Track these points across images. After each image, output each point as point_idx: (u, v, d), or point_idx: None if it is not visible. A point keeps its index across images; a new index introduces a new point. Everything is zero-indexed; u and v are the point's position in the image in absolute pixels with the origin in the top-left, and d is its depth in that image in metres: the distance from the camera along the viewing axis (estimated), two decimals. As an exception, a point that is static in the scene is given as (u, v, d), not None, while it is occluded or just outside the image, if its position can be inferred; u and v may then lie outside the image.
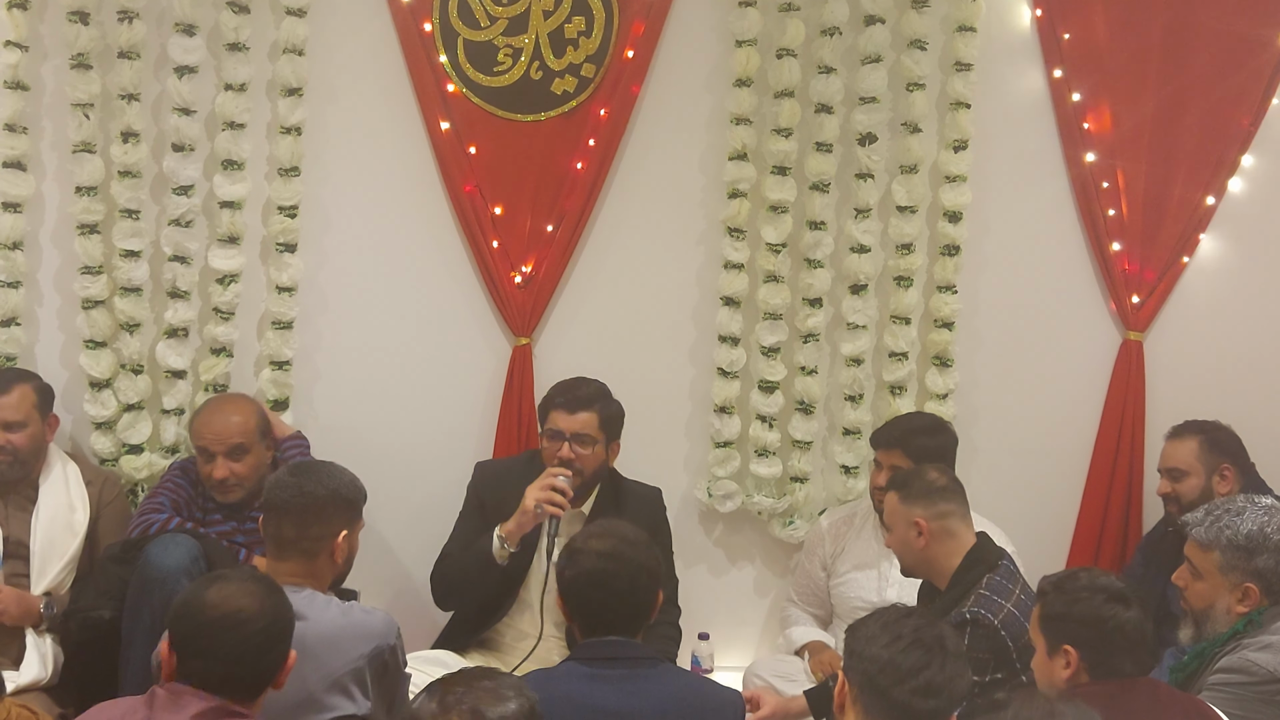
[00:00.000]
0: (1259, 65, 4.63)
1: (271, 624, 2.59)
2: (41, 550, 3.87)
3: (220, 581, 2.61)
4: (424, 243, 4.46)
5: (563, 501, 3.82)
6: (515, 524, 3.83)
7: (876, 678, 2.50)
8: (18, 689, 3.57)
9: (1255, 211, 4.71)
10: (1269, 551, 3.22)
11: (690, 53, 4.51)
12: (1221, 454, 4.20)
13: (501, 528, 3.85)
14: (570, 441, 3.93)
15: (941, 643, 2.54)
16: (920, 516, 3.52)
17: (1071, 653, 2.83)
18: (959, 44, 4.51)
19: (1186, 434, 4.26)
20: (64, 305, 4.26)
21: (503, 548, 3.84)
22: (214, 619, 2.54)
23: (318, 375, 4.43)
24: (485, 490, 4.06)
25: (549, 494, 3.81)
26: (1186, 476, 4.20)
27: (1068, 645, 2.84)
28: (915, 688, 2.48)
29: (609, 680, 2.85)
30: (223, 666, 2.53)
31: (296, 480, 3.14)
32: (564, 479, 3.84)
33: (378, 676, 3.00)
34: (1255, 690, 3.07)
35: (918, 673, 2.49)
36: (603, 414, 3.99)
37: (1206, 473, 4.18)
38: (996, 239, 4.66)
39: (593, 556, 2.94)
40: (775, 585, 4.70)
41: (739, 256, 4.48)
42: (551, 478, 3.83)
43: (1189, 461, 4.21)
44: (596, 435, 3.96)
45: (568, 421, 3.95)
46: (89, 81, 4.11)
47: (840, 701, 2.57)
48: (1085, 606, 2.83)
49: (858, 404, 4.57)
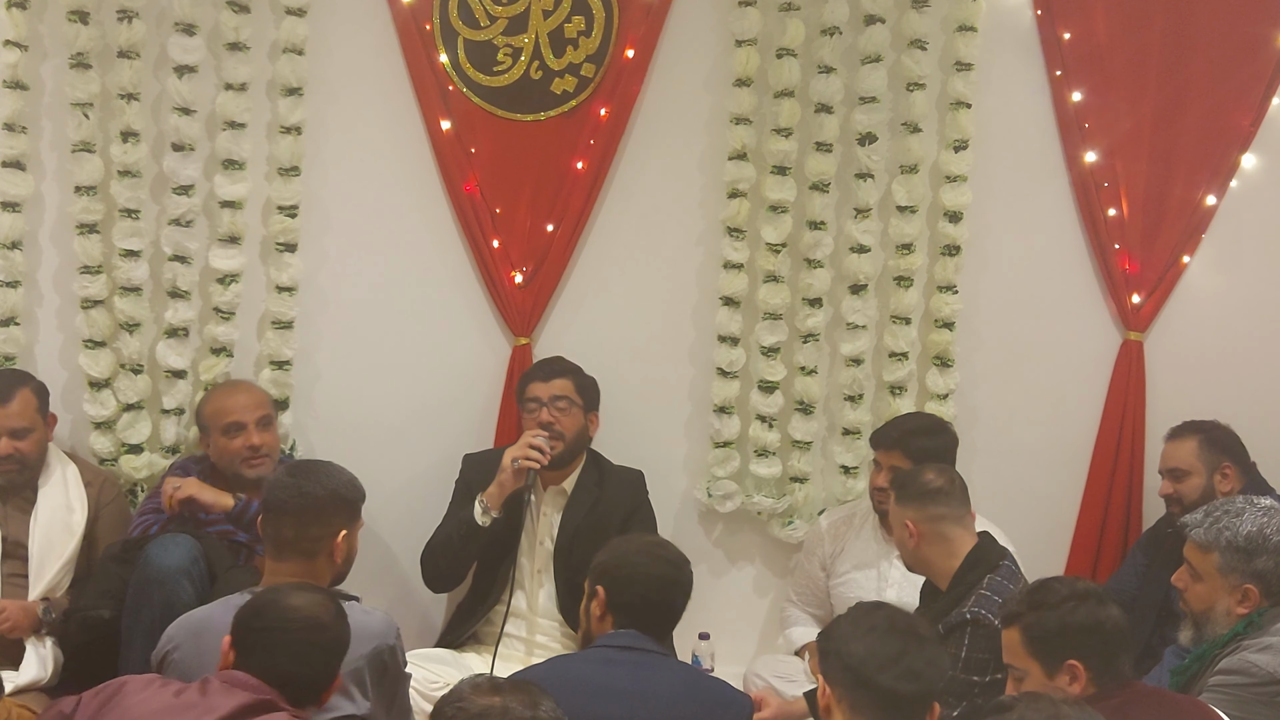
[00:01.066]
0: (1259, 65, 4.62)
1: (338, 639, 2.69)
2: (40, 551, 3.87)
3: (304, 591, 2.71)
4: (424, 242, 4.46)
5: (539, 457, 3.93)
6: (496, 486, 3.95)
7: (859, 670, 2.49)
8: (17, 689, 3.57)
9: (1256, 211, 4.70)
10: (1268, 553, 3.21)
11: (690, 52, 4.51)
12: (1222, 452, 4.20)
13: (483, 494, 3.96)
14: (548, 405, 4.07)
15: (914, 629, 2.55)
16: (910, 519, 3.53)
17: (1078, 666, 2.76)
18: (959, 44, 4.50)
19: (1185, 434, 4.25)
20: (63, 305, 4.26)
21: (485, 513, 3.93)
22: (295, 619, 2.63)
23: (318, 375, 4.43)
24: (473, 478, 4.13)
25: (525, 450, 3.92)
26: (1188, 476, 4.19)
27: (1073, 660, 2.76)
28: (899, 674, 2.48)
29: (623, 664, 2.92)
30: (288, 664, 2.60)
31: (295, 481, 3.15)
32: (541, 438, 3.96)
33: (377, 677, 3.00)
34: (1255, 692, 3.06)
35: (899, 659, 2.49)
36: (577, 381, 4.15)
37: (1208, 472, 4.17)
38: (997, 239, 4.65)
39: (665, 563, 3.05)
40: (775, 585, 4.69)
41: (739, 256, 4.48)
42: (530, 437, 3.96)
43: (1190, 461, 4.20)
44: (575, 399, 4.11)
45: (544, 388, 4.11)
46: (88, 81, 4.10)
47: (825, 705, 2.55)
48: (1081, 616, 2.77)
49: (857, 404, 4.57)
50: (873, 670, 2.48)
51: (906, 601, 3.83)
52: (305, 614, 2.64)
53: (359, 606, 3.12)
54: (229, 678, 2.59)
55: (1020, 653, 2.83)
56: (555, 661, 3.13)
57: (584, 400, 4.15)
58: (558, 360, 4.24)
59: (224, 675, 2.60)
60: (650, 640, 2.99)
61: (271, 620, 2.64)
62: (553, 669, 3.00)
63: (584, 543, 3.98)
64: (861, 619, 2.57)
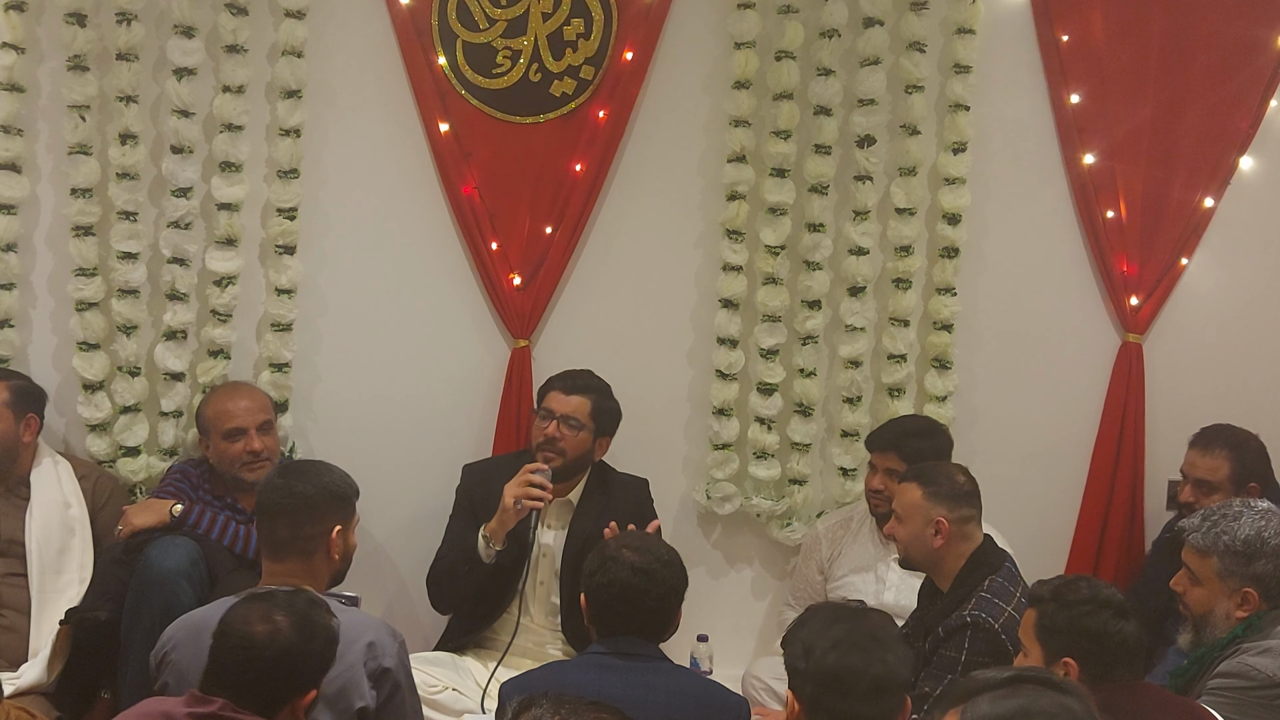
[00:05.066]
0: (1258, 68, 4.63)
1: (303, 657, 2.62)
2: (38, 547, 3.88)
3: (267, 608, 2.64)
4: (423, 245, 4.45)
5: (541, 495, 3.87)
6: (497, 522, 3.88)
7: (822, 697, 2.45)
8: (16, 692, 3.57)
9: (1254, 213, 4.71)
10: (1267, 556, 3.22)
11: (689, 55, 4.50)
12: (1250, 471, 4.12)
13: (485, 527, 3.90)
14: (559, 420, 4.01)
15: (875, 636, 2.50)
16: (944, 516, 3.50)
17: (1072, 665, 2.81)
18: (958, 46, 4.51)
19: (1217, 447, 4.15)
20: (57, 308, 4.25)
21: (488, 547, 3.88)
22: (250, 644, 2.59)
23: (317, 377, 4.43)
24: (474, 490, 4.10)
25: (526, 489, 3.86)
26: (1215, 492, 4.09)
27: (1068, 658, 2.82)
28: (863, 693, 2.44)
29: (618, 670, 2.90)
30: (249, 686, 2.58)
31: (286, 481, 3.14)
32: (541, 474, 3.89)
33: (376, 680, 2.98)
34: (1254, 695, 3.07)
35: (861, 674, 2.44)
36: (596, 404, 4.07)
37: (1235, 492, 4.05)
38: (995, 241, 4.66)
39: (626, 569, 2.96)
40: (773, 587, 4.70)
41: (738, 259, 4.48)
42: (528, 473, 3.89)
43: (1220, 480, 4.12)
44: (585, 422, 4.04)
45: (561, 402, 4.05)
46: (85, 83, 4.10)
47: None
48: (1092, 621, 2.81)
49: (856, 406, 4.57)
50: (835, 697, 2.44)
51: (905, 604, 3.83)
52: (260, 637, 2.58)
53: (357, 611, 3.12)
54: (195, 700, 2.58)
55: (1030, 634, 2.91)
56: (551, 668, 3.11)
57: (597, 425, 4.06)
58: (585, 376, 4.13)
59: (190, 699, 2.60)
60: (647, 645, 2.97)
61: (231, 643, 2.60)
62: (547, 675, 2.98)
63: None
64: (822, 632, 2.51)
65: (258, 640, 2.59)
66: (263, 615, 2.61)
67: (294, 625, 2.62)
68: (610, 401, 4.13)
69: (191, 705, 2.58)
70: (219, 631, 2.63)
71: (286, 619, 2.62)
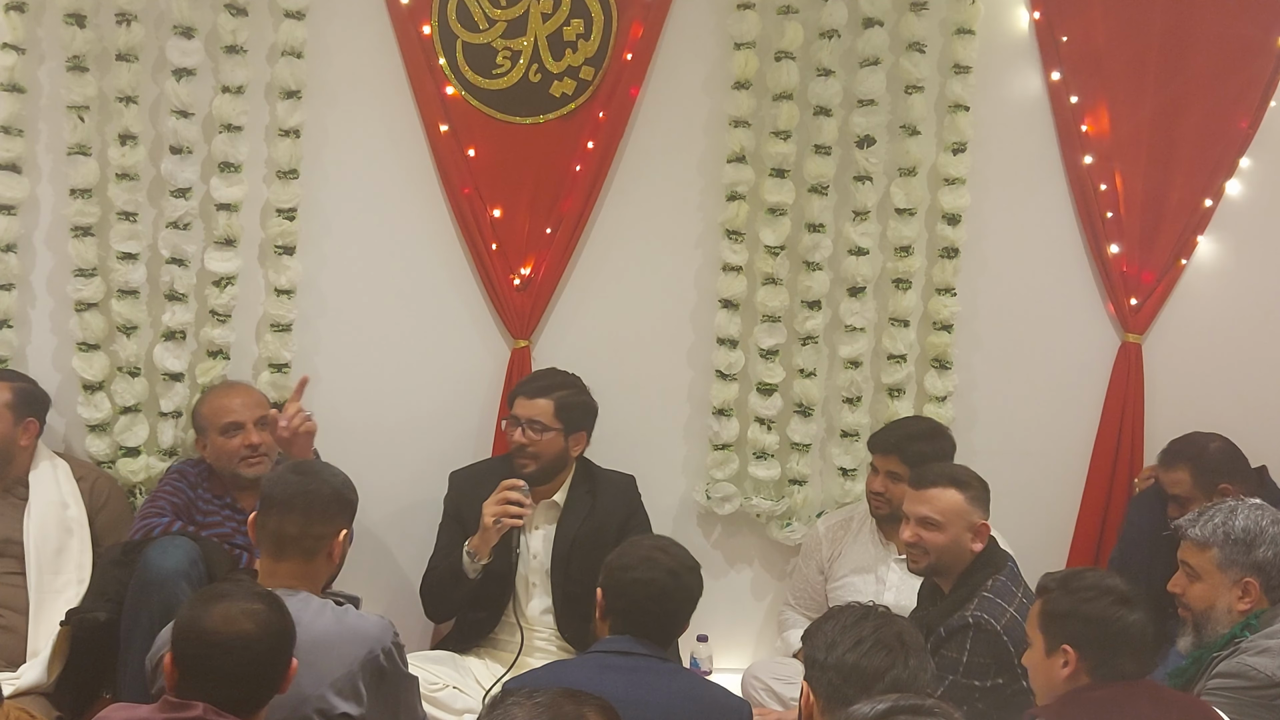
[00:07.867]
0: (1257, 68, 4.63)
1: (274, 644, 2.62)
2: (36, 548, 3.88)
3: (222, 601, 2.61)
4: (423, 245, 4.45)
5: (520, 512, 3.86)
6: (480, 539, 3.88)
7: (842, 688, 2.46)
8: (16, 693, 3.57)
9: (1254, 214, 4.71)
10: (1267, 543, 3.21)
11: (689, 55, 4.50)
12: (1214, 475, 4.11)
13: (469, 543, 3.90)
14: (524, 426, 4.01)
15: (901, 639, 2.52)
16: (984, 520, 3.52)
17: (1070, 652, 2.81)
18: (957, 46, 4.51)
19: (1177, 463, 4.18)
20: (57, 308, 4.25)
21: (473, 562, 3.88)
22: (217, 643, 2.56)
23: (317, 378, 4.40)
24: (461, 498, 4.10)
25: (504, 507, 3.85)
26: (1190, 503, 4.04)
27: (1067, 645, 2.82)
28: (882, 691, 2.43)
29: (619, 670, 2.91)
30: (226, 687, 2.55)
31: (300, 478, 3.14)
32: (518, 490, 3.88)
33: (374, 682, 2.99)
34: (1254, 695, 3.06)
35: (883, 674, 2.45)
36: (559, 403, 4.05)
37: (1206, 496, 4.03)
38: (995, 241, 4.66)
39: (664, 570, 3.02)
40: (773, 587, 4.70)
41: (737, 259, 4.48)
42: (505, 490, 3.88)
43: (1187, 489, 4.13)
44: (550, 423, 4.02)
45: (525, 407, 4.05)
46: (84, 84, 4.10)
47: (807, 713, 2.53)
48: (1092, 607, 2.82)
49: (856, 406, 4.57)
50: (856, 690, 2.44)
51: (904, 605, 3.83)
52: (226, 635, 2.56)
53: (355, 611, 3.12)
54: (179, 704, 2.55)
55: (1034, 623, 2.92)
56: (552, 666, 3.13)
57: (565, 423, 4.04)
58: (547, 376, 4.16)
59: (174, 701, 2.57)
60: (649, 645, 2.98)
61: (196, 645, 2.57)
62: (549, 674, 2.99)
63: (582, 553, 3.96)
64: (849, 628, 2.53)
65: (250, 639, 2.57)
66: (243, 613, 2.59)
67: (272, 621, 2.62)
68: (580, 397, 4.11)
69: (167, 711, 2.55)
70: (193, 635, 2.58)
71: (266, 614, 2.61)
